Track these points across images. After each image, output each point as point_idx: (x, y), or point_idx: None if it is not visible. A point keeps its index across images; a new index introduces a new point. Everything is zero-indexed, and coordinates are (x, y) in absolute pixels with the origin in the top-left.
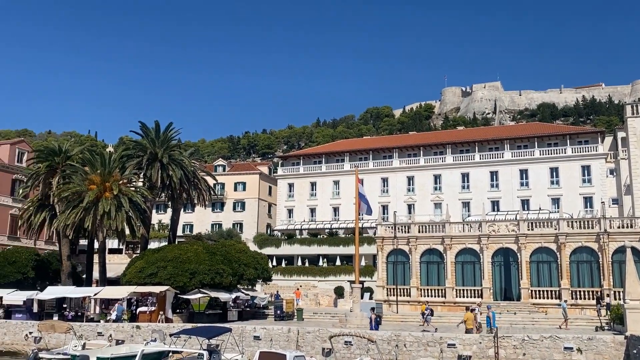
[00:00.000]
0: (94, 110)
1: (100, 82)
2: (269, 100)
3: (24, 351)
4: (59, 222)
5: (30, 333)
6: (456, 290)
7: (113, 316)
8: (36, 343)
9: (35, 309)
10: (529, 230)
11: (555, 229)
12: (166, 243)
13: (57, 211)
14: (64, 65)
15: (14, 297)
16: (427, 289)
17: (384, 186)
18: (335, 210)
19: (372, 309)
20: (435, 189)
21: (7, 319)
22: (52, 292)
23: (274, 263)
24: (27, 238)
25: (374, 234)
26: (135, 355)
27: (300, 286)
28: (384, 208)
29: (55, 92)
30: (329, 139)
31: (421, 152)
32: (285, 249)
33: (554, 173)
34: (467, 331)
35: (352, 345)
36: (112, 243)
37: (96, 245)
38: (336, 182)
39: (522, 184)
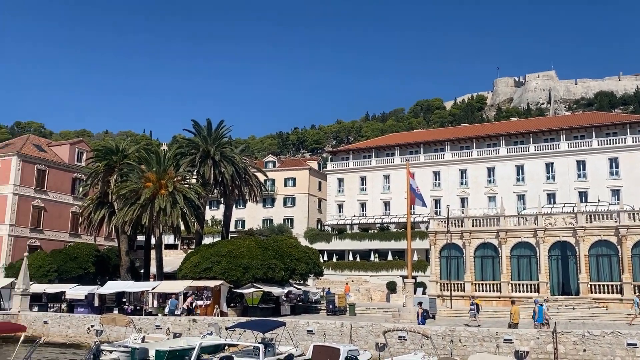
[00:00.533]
0: (148, 109)
1: (154, 82)
2: (317, 95)
3: (87, 343)
4: (117, 219)
5: (92, 326)
6: (512, 284)
7: (166, 310)
8: (98, 336)
9: (96, 303)
10: (587, 223)
11: (616, 222)
12: (219, 238)
13: (115, 208)
14: (121, 67)
15: (76, 291)
16: (482, 284)
17: (435, 180)
18: (386, 204)
19: (420, 303)
20: (489, 181)
21: (70, 312)
22: (112, 287)
23: (325, 258)
24: (87, 235)
25: (426, 228)
26: (192, 348)
27: (352, 281)
28: (436, 202)
29: (112, 92)
30: (378, 133)
31: (474, 144)
32: (336, 244)
33: (614, 164)
34: (510, 325)
35: (406, 340)
36: (168, 239)
37: (153, 240)
38: (386, 177)
39: (579, 176)
